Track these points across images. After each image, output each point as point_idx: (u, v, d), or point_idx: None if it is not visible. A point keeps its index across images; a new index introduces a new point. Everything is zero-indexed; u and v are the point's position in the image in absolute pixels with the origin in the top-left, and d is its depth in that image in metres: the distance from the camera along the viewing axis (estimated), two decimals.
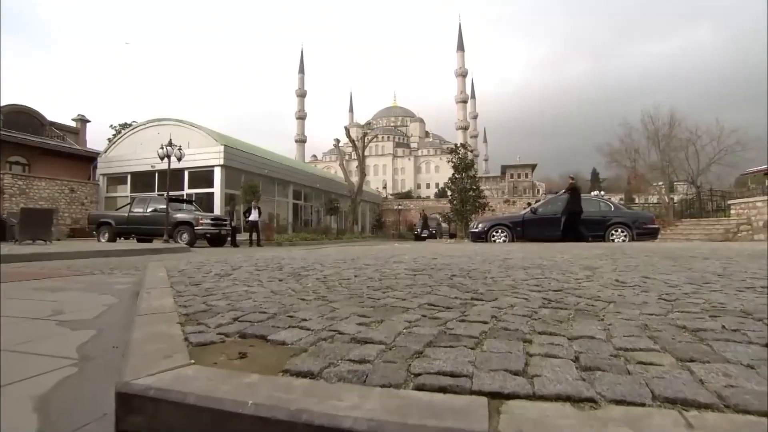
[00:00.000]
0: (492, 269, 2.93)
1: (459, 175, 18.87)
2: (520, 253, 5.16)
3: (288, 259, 4.30)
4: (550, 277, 2.44)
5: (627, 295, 1.75)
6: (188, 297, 1.88)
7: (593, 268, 2.98)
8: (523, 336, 1.12)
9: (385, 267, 3.19)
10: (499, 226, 10.57)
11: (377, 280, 2.38)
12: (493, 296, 1.76)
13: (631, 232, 9.90)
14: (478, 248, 6.87)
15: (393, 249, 7.07)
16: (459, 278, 2.44)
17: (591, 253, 4.81)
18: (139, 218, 14.49)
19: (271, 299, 1.76)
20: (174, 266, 3.53)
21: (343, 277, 2.55)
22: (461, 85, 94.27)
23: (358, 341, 1.11)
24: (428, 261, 3.77)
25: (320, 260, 4.08)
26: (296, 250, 7.21)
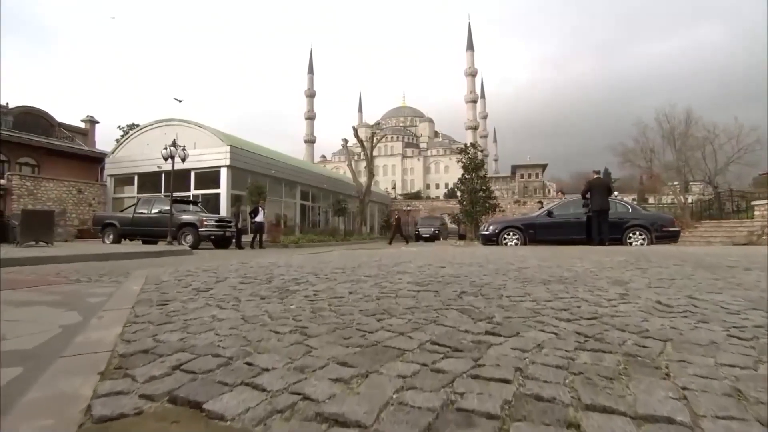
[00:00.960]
0: (507, 283, 2.57)
1: (469, 176, 18.43)
2: (535, 259, 4.78)
3: (284, 267, 3.98)
4: (577, 296, 2.08)
5: (683, 329, 1.39)
6: (142, 325, 1.56)
7: (623, 282, 2.60)
8: (564, 414, 0.77)
9: (386, 280, 2.85)
10: (510, 229, 10.16)
11: (374, 300, 2.04)
12: (512, 329, 1.41)
13: (650, 235, 9.42)
14: (490, 253, 6.49)
15: (400, 253, 6.72)
16: (470, 297, 2.09)
17: (613, 261, 4.41)
18: (144, 219, 14.35)
19: (236, 331, 1.43)
20: (156, 277, 3.23)
21: (336, 295, 2.21)
22: (471, 84, 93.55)
23: (326, 419, 0.77)
24: (435, 271, 3.42)
25: (318, 269, 3.76)
26: (298, 255, 6.90)
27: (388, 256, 5.61)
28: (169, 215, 13.01)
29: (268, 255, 8.24)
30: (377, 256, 5.60)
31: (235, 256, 8.79)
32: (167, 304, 2.01)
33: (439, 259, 4.93)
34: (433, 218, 33.72)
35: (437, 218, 33.44)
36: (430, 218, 34.04)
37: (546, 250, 7.28)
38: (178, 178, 20.02)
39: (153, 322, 1.60)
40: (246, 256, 8.26)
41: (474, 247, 9.49)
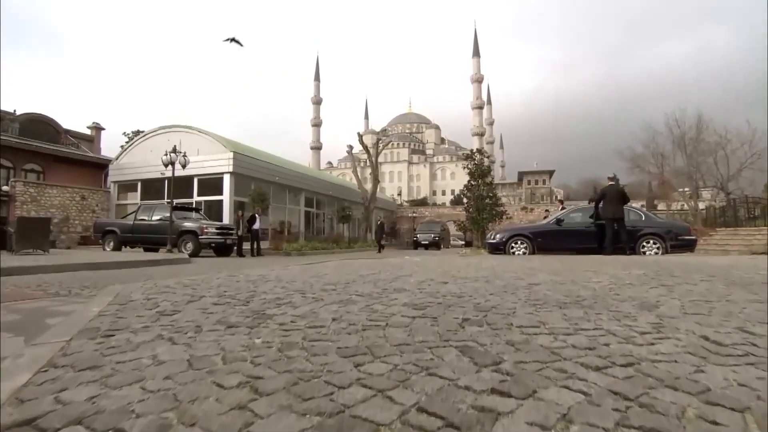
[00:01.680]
0: (517, 307, 2.23)
1: (475, 182, 18.06)
2: (546, 272, 4.43)
3: (272, 282, 3.68)
4: (601, 326, 1.74)
5: (758, 387, 1.04)
6: (58, 371, 1.24)
7: (652, 306, 2.25)
8: None
9: (379, 301, 2.52)
10: (518, 237, 9.78)
11: (359, 332, 1.71)
12: (527, 384, 1.08)
13: (664, 244, 9.01)
14: (497, 264, 6.13)
15: (401, 265, 6.39)
16: (473, 327, 1.76)
17: (631, 275, 4.04)
18: (144, 227, 14.17)
19: (170, 383, 1.11)
20: (127, 294, 2.93)
21: (316, 323, 1.89)
22: (477, 90, 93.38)
23: None
24: (436, 288, 3.08)
25: (308, 284, 3.44)
26: (295, 265, 6.59)
27: (388, 269, 5.28)
28: (169, 222, 12.79)
29: (263, 265, 7.93)
30: (377, 268, 5.27)
31: (230, 265, 8.51)
32: (114, 334, 1.69)
33: (443, 272, 4.59)
34: (433, 223, 31.53)
35: (438, 223, 31.07)
36: (430, 223, 31.94)
37: (556, 260, 6.91)
38: (181, 184, 19.95)
39: (76, 365, 1.28)
40: (240, 266, 7.97)
41: (480, 257, 9.12)
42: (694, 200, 29.29)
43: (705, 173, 27.94)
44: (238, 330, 1.77)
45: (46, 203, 18.84)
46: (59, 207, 19.38)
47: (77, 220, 20.02)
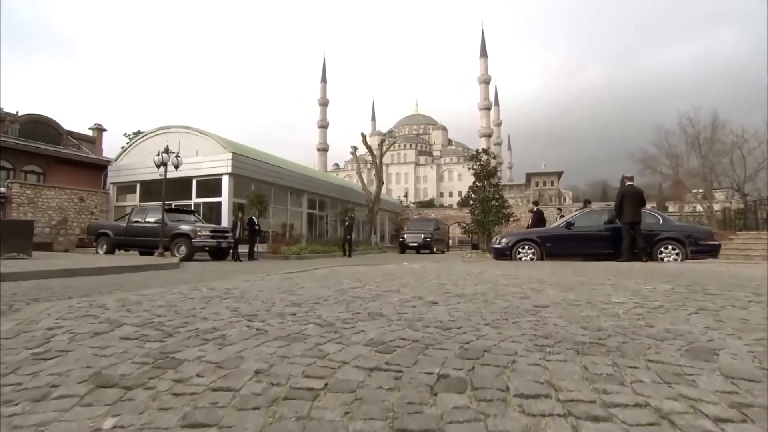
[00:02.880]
0: (519, 350, 1.64)
1: (480, 184, 17.40)
2: (555, 288, 3.83)
3: (231, 300, 3.12)
4: (643, 392, 1.15)
5: None
6: None
7: (708, 352, 1.64)
8: None
9: (340, 335, 1.94)
10: (525, 242, 9.15)
11: (274, 403, 1.14)
12: None
13: (684, 250, 8.33)
14: (500, 274, 5.52)
15: (394, 274, 5.81)
16: (452, 393, 1.18)
17: (657, 292, 3.43)
18: (138, 229, 13.75)
19: None
20: (33, 318, 2.38)
21: (228, 381, 1.32)
22: (484, 92, 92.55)
23: None
24: (420, 313, 2.50)
25: (267, 305, 2.88)
26: (277, 274, 6.05)
27: (376, 280, 4.70)
28: (161, 225, 12.34)
29: (252, 271, 7.33)
30: (363, 280, 4.69)
31: (213, 272, 7.95)
32: None
33: (436, 286, 4.00)
34: (424, 221, 26.22)
35: (431, 221, 25.76)
36: (420, 221, 26.64)
37: (566, 268, 6.28)
38: (180, 186, 19.57)
39: None
40: (223, 274, 7.41)
41: (484, 263, 8.50)
42: (709, 202, 28.30)
43: (720, 174, 26.97)
44: (103, 395, 1.20)
45: (43, 205, 18.53)
46: (57, 209, 19.08)
47: (75, 222, 19.69)
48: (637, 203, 8.10)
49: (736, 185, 27.33)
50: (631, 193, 8.16)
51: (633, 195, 8.13)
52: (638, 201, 8.13)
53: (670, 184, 32.72)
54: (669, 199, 53.40)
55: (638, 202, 8.12)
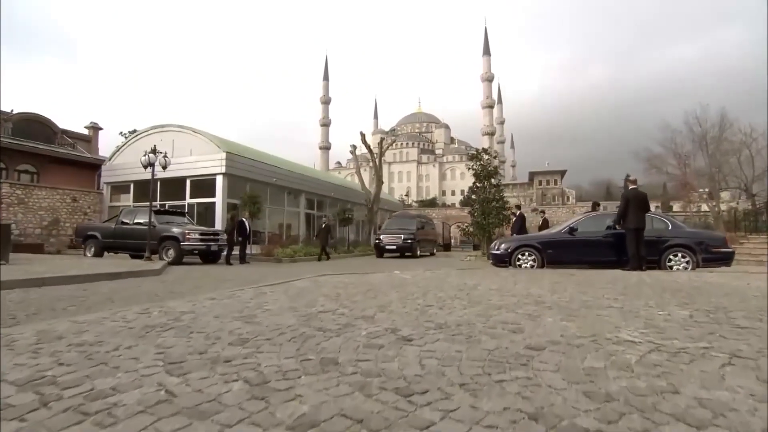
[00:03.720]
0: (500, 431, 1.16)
1: (481, 184, 16.90)
2: (557, 312, 3.36)
3: (170, 334, 2.67)
4: None
5: None
6: None
7: None
8: None
9: (270, 402, 1.48)
10: (525, 248, 8.66)
11: None
12: None
13: (695, 258, 7.82)
14: (495, 289, 5.05)
15: (381, 285, 5.33)
16: None
17: (674, 320, 2.95)
18: (126, 231, 13.34)
19: None
20: None
21: None
22: (487, 89, 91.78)
23: None
24: (387, 357, 2.03)
25: (207, 342, 2.42)
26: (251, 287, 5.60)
27: (354, 299, 4.23)
28: (148, 227, 11.91)
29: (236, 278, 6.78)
30: (341, 298, 4.23)
31: (192, 281, 7.42)
32: None
33: (419, 312, 3.51)
34: (406, 218, 21.29)
35: (413, 219, 21.05)
36: (401, 218, 21.50)
37: (568, 282, 5.79)
38: (174, 186, 19.16)
39: None
40: (199, 286, 6.86)
41: (481, 271, 8.01)
42: (716, 202, 27.64)
43: (728, 174, 26.31)
44: None
45: (34, 205, 18.17)
46: (48, 209, 18.72)
47: (68, 223, 19.32)
48: (642, 208, 7.61)
49: (743, 185, 26.69)
50: (636, 197, 7.66)
51: (638, 200, 7.64)
52: (643, 206, 7.63)
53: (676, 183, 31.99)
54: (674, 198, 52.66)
55: (643, 207, 7.62)
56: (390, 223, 21.05)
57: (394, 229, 19.19)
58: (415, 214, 22.24)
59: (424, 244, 20.53)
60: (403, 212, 24.00)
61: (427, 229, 21.61)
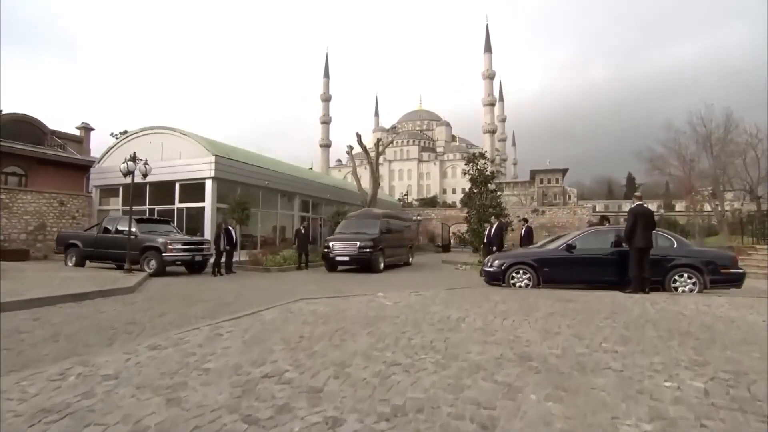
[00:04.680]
0: None
1: (477, 190, 16.32)
2: (543, 378, 2.83)
3: (51, 415, 2.14)
4: None
5: None
6: None
7: None
8: None
9: None
10: (520, 266, 8.11)
11: None
12: None
13: (702, 279, 7.27)
14: (480, 329, 4.52)
15: (358, 318, 4.80)
16: None
17: (688, 397, 2.43)
18: (108, 240, 12.86)
19: None
20: None
21: None
22: (488, 87, 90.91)
23: None
24: None
25: None
26: (188, 331, 5.09)
27: (314, 349, 3.70)
28: (128, 237, 11.40)
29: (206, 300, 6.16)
30: (305, 343, 3.69)
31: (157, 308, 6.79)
32: None
33: (382, 374, 2.98)
34: (367, 219, 15.58)
35: (376, 219, 15.38)
36: (362, 219, 15.76)
37: (563, 312, 5.25)
38: (163, 190, 18.65)
39: None
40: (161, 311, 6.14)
41: (469, 300, 7.48)
42: (720, 205, 26.99)
43: (733, 176, 25.63)
44: None
45: (18, 210, 17.67)
46: (34, 214, 18.21)
47: (55, 228, 18.80)
48: (649, 227, 7.06)
49: (748, 187, 26.03)
50: (644, 214, 7.10)
51: (645, 217, 7.08)
52: (650, 224, 7.09)
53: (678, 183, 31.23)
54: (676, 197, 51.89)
55: (650, 226, 7.07)
56: (345, 225, 15.75)
57: (348, 234, 14.46)
58: (382, 213, 16.60)
59: (393, 252, 15.68)
60: (366, 211, 17.71)
61: (396, 231, 16.68)
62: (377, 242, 14.17)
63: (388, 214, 17.69)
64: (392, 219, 17.34)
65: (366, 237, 14.10)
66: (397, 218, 18.36)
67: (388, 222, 16.12)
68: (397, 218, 18.36)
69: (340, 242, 14.15)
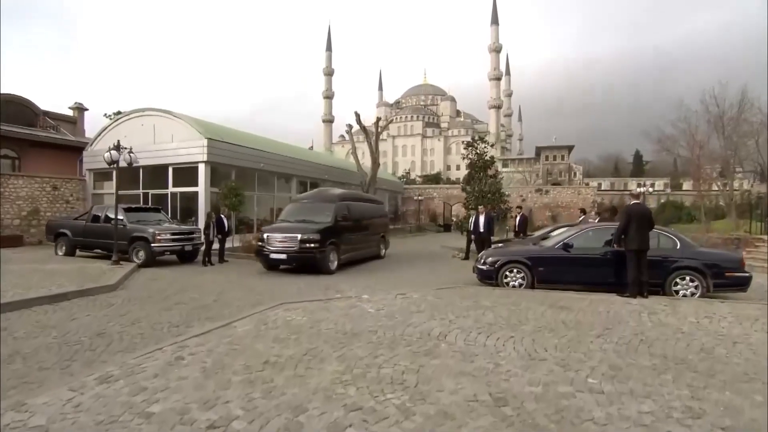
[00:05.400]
0: None
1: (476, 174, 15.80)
2: None
3: None
4: None
5: None
6: None
7: None
8: None
9: None
10: (513, 264, 7.77)
11: None
12: None
13: (705, 282, 6.90)
14: (459, 350, 4.22)
15: (336, 329, 4.51)
16: None
17: None
18: (96, 229, 12.65)
19: None
20: None
21: None
22: (495, 61, 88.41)
23: None
24: None
25: None
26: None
27: (274, 381, 3.41)
28: (114, 228, 11.15)
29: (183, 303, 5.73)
30: (267, 372, 3.40)
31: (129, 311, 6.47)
32: None
33: (336, 424, 2.68)
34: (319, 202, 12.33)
35: (331, 201, 12.02)
36: (313, 203, 12.45)
37: (555, 324, 4.93)
38: (157, 174, 18.32)
39: None
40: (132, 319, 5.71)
41: (456, 307, 7.17)
42: (729, 186, 26.24)
43: (744, 158, 24.80)
44: None
45: (11, 195, 17.46)
46: (27, 199, 18.02)
47: (49, 212, 18.64)
48: (646, 226, 6.65)
49: (760, 169, 25.23)
50: (639, 213, 6.68)
51: (641, 216, 6.67)
52: (647, 224, 6.68)
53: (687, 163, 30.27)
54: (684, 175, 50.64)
55: (646, 225, 6.66)
56: (291, 210, 12.23)
57: (291, 224, 11.12)
58: (340, 194, 12.82)
59: (355, 246, 12.18)
60: (319, 191, 14.10)
61: (361, 219, 12.66)
62: (327, 234, 10.65)
63: (351, 195, 13.79)
64: (357, 202, 13.34)
65: (312, 228, 10.57)
66: (364, 201, 14.43)
67: (348, 207, 12.13)
68: (364, 201, 14.43)
69: (279, 233, 10.68)
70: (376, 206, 15.33)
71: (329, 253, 10.79)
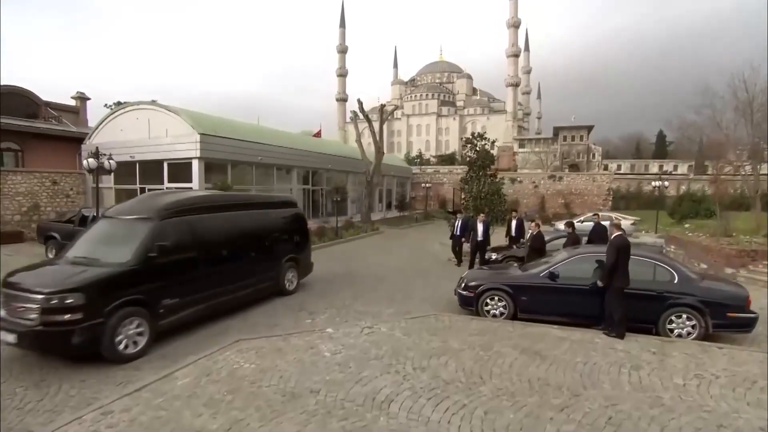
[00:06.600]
0: None
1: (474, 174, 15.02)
2: None
3: None
4: None
5: None
6: None
7: None
8: None
9: None
10: (495, 291, 7.20)
11: None
12: None
13: (703, 322, 6.21)
14: (406, 421, 3.76)
15: (286, 379, 4.10)
16: None
17: None
18: None
19: None
20: None
21: None
22: (513, 36, 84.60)
23: None
24: None
25: None
26: None
27: None
28: None
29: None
30: None
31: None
32: None
33: None
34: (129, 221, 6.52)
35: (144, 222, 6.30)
36: (121, 221, 6.70)
37: (530, 374, 4.39)
38: (153, 169, 18.13)
39: None
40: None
41: (424, 343, 6.68)
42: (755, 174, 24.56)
43: None
44: None
45: (9, 191, 17.52)
46: (27, 194, 18.07)
47: (50, 207, 18.74)
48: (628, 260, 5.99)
49: None
50: (626, 247, 6.01)
51: (627, 250, 6.00)
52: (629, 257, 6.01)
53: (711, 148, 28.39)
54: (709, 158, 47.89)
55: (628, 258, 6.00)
56: (90, 235, 7.00)
57: (52, 267, 6.30)
58: (175, 201, 7.01)
59: (209, 288, 6.96)
60: (142, 199, 7.91)
61: (214, 236, 7.25)
62: (117, 285, 5.66)
63: (208, 200, 7.85)
64: (220, 213, 7.65)
65: (79, 278, 5.48)
66: (243, 206, 8.43)
67: (187, 225, 6.83)
68: (243, 206, 8.43)
69: (12, 290, 5.53)
70: (274, 214, 9.06)
71: (118, 325, 5.52)
